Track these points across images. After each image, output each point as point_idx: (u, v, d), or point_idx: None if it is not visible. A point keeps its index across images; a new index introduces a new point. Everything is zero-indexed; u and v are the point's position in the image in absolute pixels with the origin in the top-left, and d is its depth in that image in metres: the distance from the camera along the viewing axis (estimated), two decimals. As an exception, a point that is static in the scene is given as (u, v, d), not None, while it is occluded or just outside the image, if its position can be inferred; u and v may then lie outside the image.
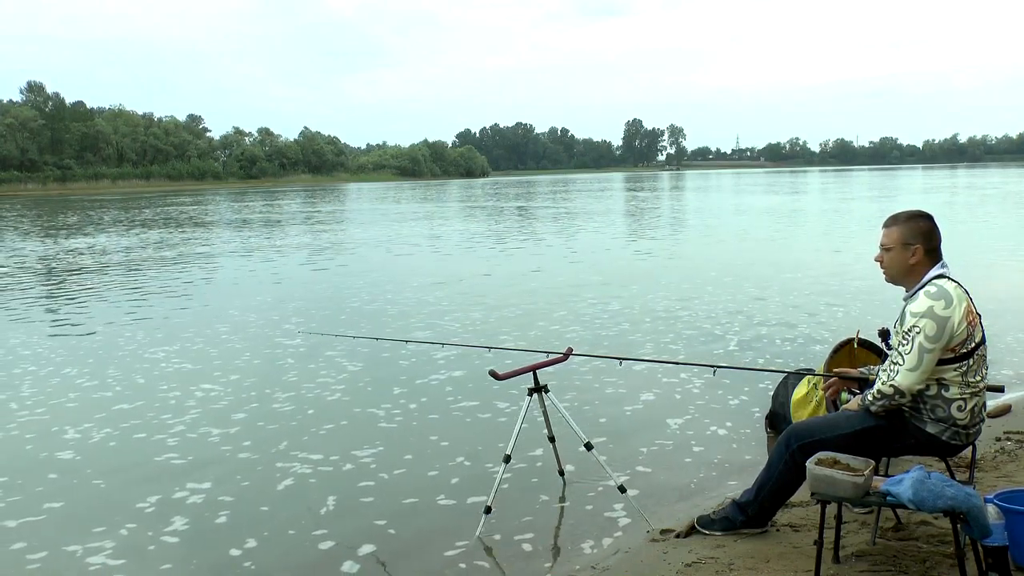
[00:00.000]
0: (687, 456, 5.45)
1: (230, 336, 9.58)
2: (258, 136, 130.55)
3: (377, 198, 58.05)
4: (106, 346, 9.21)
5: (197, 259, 18.65)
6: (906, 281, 3.54)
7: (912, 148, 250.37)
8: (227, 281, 14.96)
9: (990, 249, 16.93)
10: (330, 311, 11.30)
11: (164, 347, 9.01)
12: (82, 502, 4.93)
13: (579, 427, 4.39)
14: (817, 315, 10.06)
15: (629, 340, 8.95)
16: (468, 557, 4.10)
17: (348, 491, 4.96)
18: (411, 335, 9.02)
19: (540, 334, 9.28)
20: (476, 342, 8.32)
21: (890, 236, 3.53)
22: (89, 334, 9.98)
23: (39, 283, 15.24)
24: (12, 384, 7.62)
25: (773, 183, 74.25)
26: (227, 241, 23.60)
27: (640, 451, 5.54)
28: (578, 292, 12.30)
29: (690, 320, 9.95)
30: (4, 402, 7.03)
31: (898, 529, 3.83)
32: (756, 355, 8.14)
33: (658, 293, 12.03)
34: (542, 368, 4.49)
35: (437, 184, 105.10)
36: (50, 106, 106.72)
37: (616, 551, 4.07)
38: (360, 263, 17.35)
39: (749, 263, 15.65)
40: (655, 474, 5.14)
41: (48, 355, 8.79)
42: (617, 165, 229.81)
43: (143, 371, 8.00)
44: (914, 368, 3.36)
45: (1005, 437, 5.39)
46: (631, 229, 26.17)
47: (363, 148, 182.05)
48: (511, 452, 4.29)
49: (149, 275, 15.75)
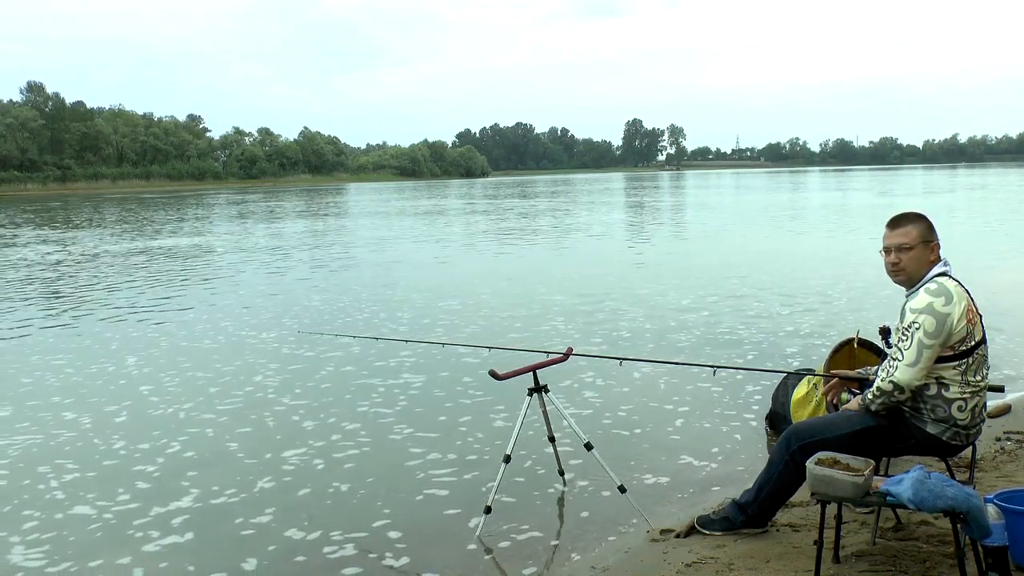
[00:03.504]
0: (687, 456, 5.45)
1: (228, 335, 9.59)
2: (258, 136, 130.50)
3: (382, 198, 58.02)
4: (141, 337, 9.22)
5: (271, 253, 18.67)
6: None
7: (912, 148, 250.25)
8: (229, 281, 14.98)
9: (991, 249, 16.93)
10: (330, 311, 11.30)
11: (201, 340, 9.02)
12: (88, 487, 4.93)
13: (579, 427, 4.39)
14: (817, 315, 10.06)
15: (629, 340, 8.95)
16: (468, 557, 4.10)
17: (347, 491, 4.96)
18: (411, 335, 9.02)
19: (540, 334, 9.29)
20: (476, 342, 8.32)
21: (909, 235, 3.49)
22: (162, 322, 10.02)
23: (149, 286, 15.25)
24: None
25: (774, 183, 74.21)
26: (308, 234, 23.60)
27: (640, 451, 5.54)
28: (578, 292, 12.29)
29: (690, 320, 9.95)
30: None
31: (898, 529, 3.83)
32: (756, 355, 8.14)
33: (658, 293, 12.02)
34: (542, 368, 4.49)
35: (438, 184, 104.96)
36: (50, 106, 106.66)
37: (616, 551, 4.07)
38: (360, 263, 17.34)
39: (749, 263, 15.64)
40: (655, 474, 5.14)
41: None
42: (617, 165, 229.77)
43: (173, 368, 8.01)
44: (913, 364, 3.36)
45: (1005, 437, 5.40)
46: (631, 229, 26.17)
47: (363, 148, 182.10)
48: (511, 452, 4.29)
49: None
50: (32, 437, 6.12)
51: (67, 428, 6.32)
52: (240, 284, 14.48)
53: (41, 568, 4.10)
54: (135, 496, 4.97)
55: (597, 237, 22.89)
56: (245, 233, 26.81)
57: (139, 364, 8.33)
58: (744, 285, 12.52)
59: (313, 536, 4.36)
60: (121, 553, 4.21)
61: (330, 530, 4.42)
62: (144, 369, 8.12)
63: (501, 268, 16.04)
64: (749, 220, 28.76)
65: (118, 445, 5.91)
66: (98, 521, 4.62)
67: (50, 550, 4.29)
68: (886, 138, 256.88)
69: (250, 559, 4.14)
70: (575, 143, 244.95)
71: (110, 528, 4.55)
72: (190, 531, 4.47)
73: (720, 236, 22.43)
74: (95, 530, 4.52)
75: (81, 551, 4.25)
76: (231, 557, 4.17)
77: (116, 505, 4.84)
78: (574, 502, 4.72)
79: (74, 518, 4.69)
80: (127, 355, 8.73)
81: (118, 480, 5.21)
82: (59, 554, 4.23)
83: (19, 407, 6.90)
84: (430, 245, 21.40)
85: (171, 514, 4.68)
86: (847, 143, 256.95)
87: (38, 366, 8.35)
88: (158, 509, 4.76)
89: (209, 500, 4.85)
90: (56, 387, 7.51)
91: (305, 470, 5.31)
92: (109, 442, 5.97)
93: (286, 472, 5.28)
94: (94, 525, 4.57)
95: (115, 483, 5.15)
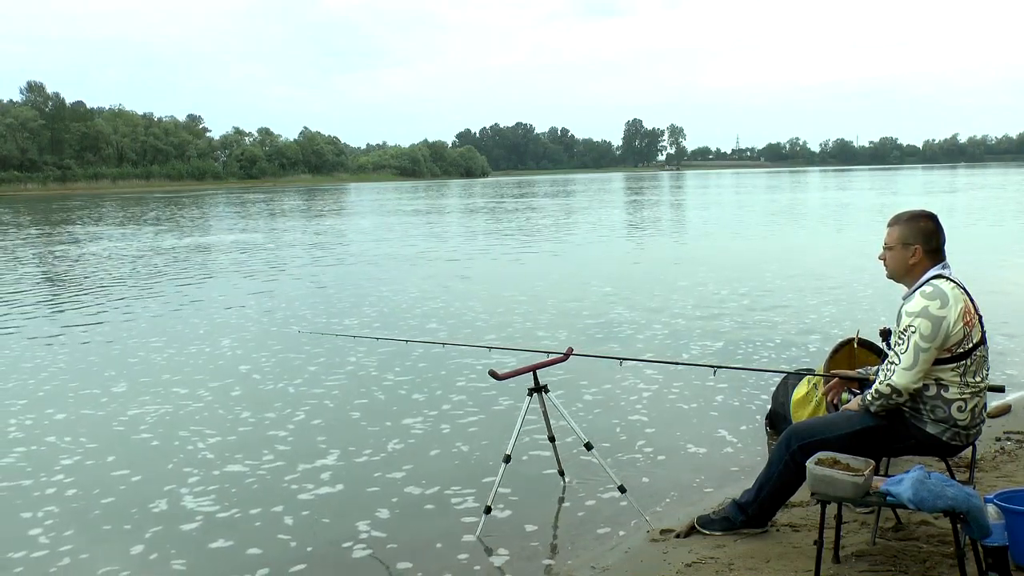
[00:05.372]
0: (687, 456, 5.45)
1: (229, 334, 9.60)
2: (258, 136, 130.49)
3: (395, 197, 58.23)
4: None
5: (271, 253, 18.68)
6: (906, 280, 3.56)
7: (912, 148, 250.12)
8: (227, 282, 14.98)
9: (993, 249, 16.93)
10: (330, 311, 11.30)
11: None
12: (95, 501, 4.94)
13: (579, 427, 4.39)
14: (818, 315, 10.06)
15: (630, 340, 8.95)
16: (468, 557, 4.09)
17: (347, 491, 4.96)
18: (411, 335, 9.02)
19: (540, 334, 9.28)
20: (476, 342, 8.32)
21: (891, 235, 3.56)
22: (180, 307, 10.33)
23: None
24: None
25: (775, 183, 74.21)
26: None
27: (640, 451, 5.54)
28: (578, 291, 12.30)
29: (690, 320, 9.95)
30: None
31: (898, 529, 3.83)
32: (756, 355, 8.14)
33: (659, 293, 12.03)
34: (542, 368, 4.49)
35: (438, 184, 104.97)
36: (50, 106, 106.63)
37: (616, 551, 4.07)
38: (361, 263, 17.34)
39: (750, 262, 15.64)
40: (655, 474, 5.14)
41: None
42: (617, 165, 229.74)
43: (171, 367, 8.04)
44: (910, 367, 3.37)
45: (1005, 437, 5.39)
46: (632, 229, 26.17)
47: (363, 148, 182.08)
48: (511, 452, 4.29)
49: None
50: (161, 407, 6.75)
51: (190, 400, 6.92)
52: (240, 284, 14.49)
53: (213, 512, 4.69)
54: (278, 456, 5.54)
55: (597, 237, 22.88)
56: (289, 229, 27.59)
57: (232, 346, 9.05)
58: (745, 284, 12.51)
59: (311, 536, 4.36)
60: (276, 502, 4.78)
61: (328, 530, 4.42)
62: (237, 351, 8.80)
63: (502, 268, 16.04)
64: (749, 220, 28.75)
65: (245, 415, 6.51)
66: (252, 476, 5.21)
67: (216, 499, 4.86)
68: (886, 138, 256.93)
69: (247, 559, 4.13)
70: (575, 143, 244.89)
71: (264, 482, 5.12)
72: (188, 530, 4.48)
73: (720, 236, 22.42)
74: (251, 483, 5.11)
75: (243, 500, 4.84)
76: (227, 557, 4.17)
77: (264, 464, 5.41)
78: (574, 502, 4.72)
79: (230, 474, 5.26)
80: (220, 337, 9.50)
81: (258, 443, 5.82)
82: (226, 502, 4.83)
83: (133, 383, 7.55)
84: (430, 245, 21.39)
85: (170, 509, 4.74)
86: (847, 143, 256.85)
87: (140, 348, 9.09)
88: (304, 466, 5.32)
89: (205, 500, 4.85)
90: (162, 365, 8.23)
91: (302, 469, 5.30)
92: (235, 412, 6.58)
93: (283, 471, 5.27)
94: (249, 479, 5.17)
95: (257, 445, 5.77)
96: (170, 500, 4.88)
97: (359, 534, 4.36)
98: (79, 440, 5.98)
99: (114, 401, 6.99)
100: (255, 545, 4.27)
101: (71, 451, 5.76)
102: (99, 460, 5.59)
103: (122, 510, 4.78)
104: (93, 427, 6.30)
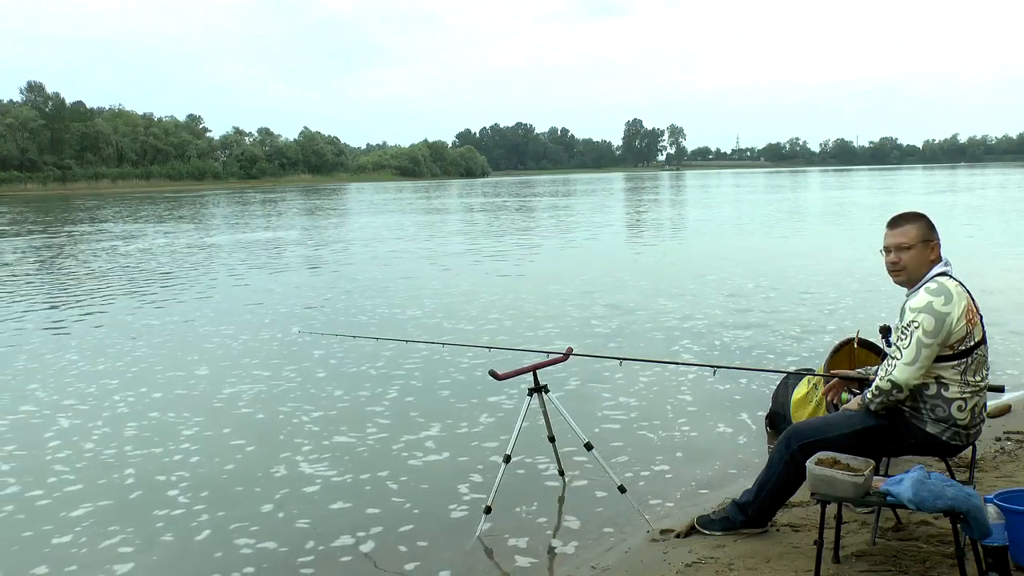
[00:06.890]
0: (687, 456, 5.44)
1: (229, 333, 9.60)
2: (258, 136, 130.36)
3: (403, 196, 58.44)
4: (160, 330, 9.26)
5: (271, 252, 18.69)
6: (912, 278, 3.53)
7: (912, 148, 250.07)
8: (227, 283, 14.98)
9: (992, 248, 16.93)
10: (329, 311, 11.30)
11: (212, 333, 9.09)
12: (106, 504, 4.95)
13: (579, 427, 4.39)
14: (818, 314, 10.06)
15: (629, 340, 8.95)
16: (468, 557, 4.10)
17: (347, 490, 4.96)
18: (411, 335, 9.02)
19: (541, 334, 9.29)
20: (476, 342, 8.32)
21: (908, 234, 3.50)
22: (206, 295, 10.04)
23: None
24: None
25: (775, 183, 74.20)
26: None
27: (640, 451, 5.53)
28: (578, 291, 12.29)
29: (690, 320, 9.94)
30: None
31: (898, 529, 3.83)
32: (756, 355, 8.14)
33: (658, 293, 12.02)
34: (542, 368, 4.49)
35: (438, 184, 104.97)
36: (50, 106, 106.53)
37: (616, 551, 4.07)
38: (360, 263, 17.34)
39: (750, 262, 15.63)
40: (655, 474, 5.14)
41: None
42: (617, 165, 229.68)
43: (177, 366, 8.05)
44: (911, 363, 3.37)
45: (1005, 437, 5.40)
46: (632, 229, 26.17)
47: (363, 148, 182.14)
48: (511, 452, 4.29)
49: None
50: (253, 386, 7.27)
51: (280, 381, 7.44)
52: (238, 285, 14.50)
53: (330, 476, 5.17)
54: (381, 429, 6.06)
55: (597, 237, 22.88)
56: (319, 227, 28.13)
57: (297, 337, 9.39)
58: (745, 284, 12.51)
59: (311, 535, 4.36)
60: (384, 468, 5.28)
61: (329, 530, 4.42)
62: (306, 338, 9.21)
63: (501, 268, 16.02)
64: (749, 220, 28.74)
65: (338, 392, 7.04)
66: (362, 446, 5.73)
67: (329, 465, 5.35)
68: (886, 138, 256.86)
69: (246, 559, 4.13)
70: (575, 143, 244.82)
71: (374, 451, 5.63)
72: (186, 530, 4.49)
73: (720, 236, 22.41)
74: (361, 452, 5.61)
75: (356, 467, 5.32)
76: (227, 556, 4.17)
77: (368, 437, 5.90)
78: (574, 502, 4.72)
79: (339, 444, 5.77)
80: (290, 324, 10.11)
81: (360, 419, 6.30)
82: (340, 467, 5.32)
83: (214, 367, 8.08)
84: (430, 245, 21.39)
85: (169, 508, 4.76)
86: (847, 143, 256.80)
87: (214, 335, 9.61)
88: (408, 437, 5.84)
89: (205, 500, 4.86)
90: (240, 351, 8.76)
91: (302, 469, 5.31)
92: (327, 391, 7.09)
93: (283, 470, 5.28)
94: (360, 448, 5.68)
95: (359, 421, 6.26)
96: (287, 466, 5.36)
97: (358, 534, 4.36)
98: (183, 415, 6.47)
99: (202, 382, 7.52)
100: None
101: (185, 423, 6.28)
102: (216, 432, 6.09)
103: (247, 475, 5.24)
104: (192, 404, 6.79)
